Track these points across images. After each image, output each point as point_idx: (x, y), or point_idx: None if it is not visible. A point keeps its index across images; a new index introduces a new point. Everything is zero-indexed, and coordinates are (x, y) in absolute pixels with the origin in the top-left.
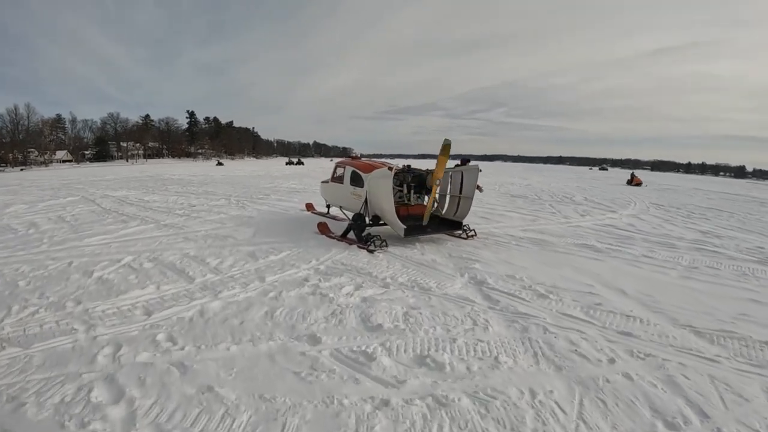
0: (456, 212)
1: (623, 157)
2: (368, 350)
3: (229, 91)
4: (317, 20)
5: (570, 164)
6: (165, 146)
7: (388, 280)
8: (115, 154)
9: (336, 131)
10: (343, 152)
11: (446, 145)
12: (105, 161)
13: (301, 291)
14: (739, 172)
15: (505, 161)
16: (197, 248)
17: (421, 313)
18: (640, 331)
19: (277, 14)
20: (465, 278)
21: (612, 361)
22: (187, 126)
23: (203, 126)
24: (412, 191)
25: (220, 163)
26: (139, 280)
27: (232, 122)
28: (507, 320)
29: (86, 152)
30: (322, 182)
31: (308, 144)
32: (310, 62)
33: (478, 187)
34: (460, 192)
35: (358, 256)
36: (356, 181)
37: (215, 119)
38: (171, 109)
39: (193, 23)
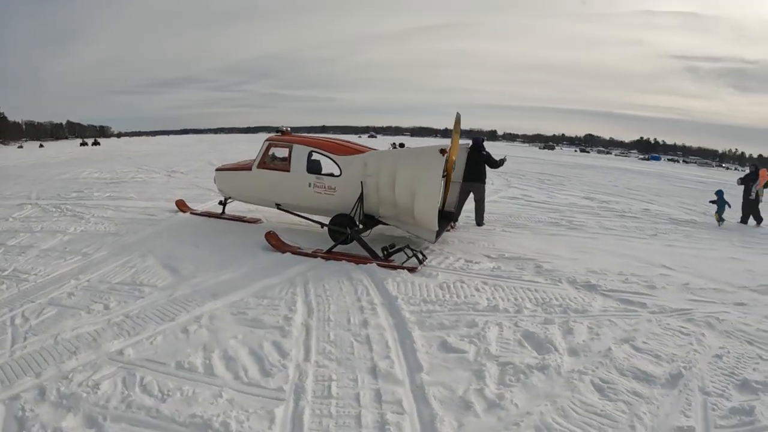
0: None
1: (385, 125)
2: None
3: None
4: None
5: (334, 132)
6: None
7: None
8: None
9: (91, 109)
10: (100, 131)
11: (458, 120)
12: None
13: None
14: (492, 136)
15: (269, 132)
16: (120, 337)
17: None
18: (756, 305)
19: None
20: (580, 289)
21: None
22: None
23: None
24: None
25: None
26: None
27: None
28: (704, 325)
29: None
30: (220, 170)
31: (61, 124)
32: (59, 32)
33: None
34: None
35: (412, 283)
36: (319, 167)
37: None
38: None
39: None
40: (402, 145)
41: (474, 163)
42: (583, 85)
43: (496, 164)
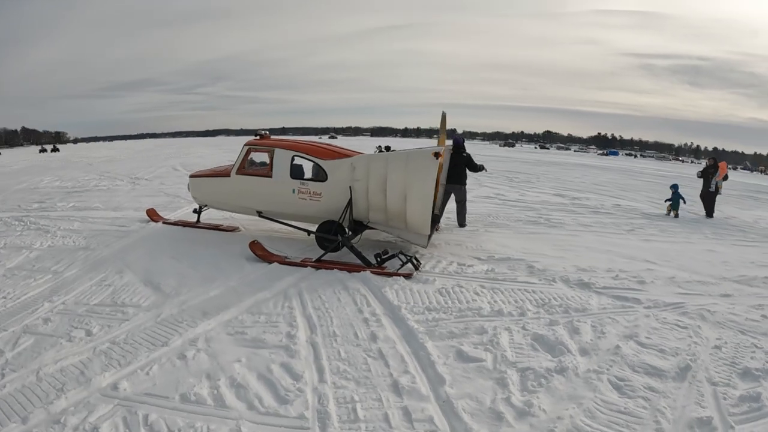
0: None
1: (345, 126)
2: None
3: None
4: None
5: (294, 134)
6: None
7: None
8: None
9: (46, 114)
10: (56, 137)
11: (444, 119)
12: None
13: None
14: (450, 134)
15: (228, 135)
16: (110, 368)
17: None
18: (740, 295)
19: None
20: (574, 288)
21: None
22: None
23: None
24: None
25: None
26: None
27: None
28: (697, 318)
29: None
30: (194, 177)
31: (15, 131)
32: (15, 33)
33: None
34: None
35: (411, 290)
36: (303, 172)
37: None
38: None
39: None
40: (388, 148)
41: (455, 165)
42: (540, 83)
43: (477, 168)
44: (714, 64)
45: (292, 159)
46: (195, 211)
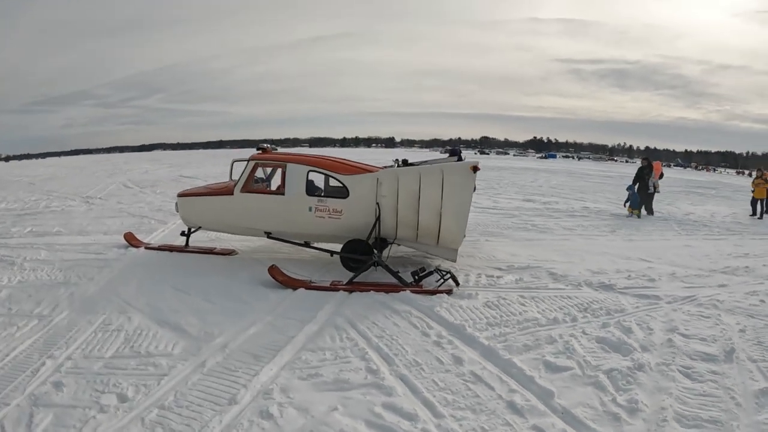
0: None
1: (283, 137)
2: None
3: None
4: None
5: (231, 147)
6: None
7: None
8: None
9: None
10: None
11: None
12: None
13: None
14: (390, 143)
15: (165, 149)
16: None
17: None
18: (733, 284)
19: None
20: (599, 290)
21: None
22: None
23: None
24: None
25: None
26: None
27: None
28: (712, 308)
29: None
30: (185, 196)
31: None
32: None
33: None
34: None
35: (461, 306)
36: (319, 189)
37: None
38: None
39: None
40: (405, 161)
41: None
42: (475, 90)
43: None
44: (639, 67)
45: (308, 174)
46: (183, 233)
